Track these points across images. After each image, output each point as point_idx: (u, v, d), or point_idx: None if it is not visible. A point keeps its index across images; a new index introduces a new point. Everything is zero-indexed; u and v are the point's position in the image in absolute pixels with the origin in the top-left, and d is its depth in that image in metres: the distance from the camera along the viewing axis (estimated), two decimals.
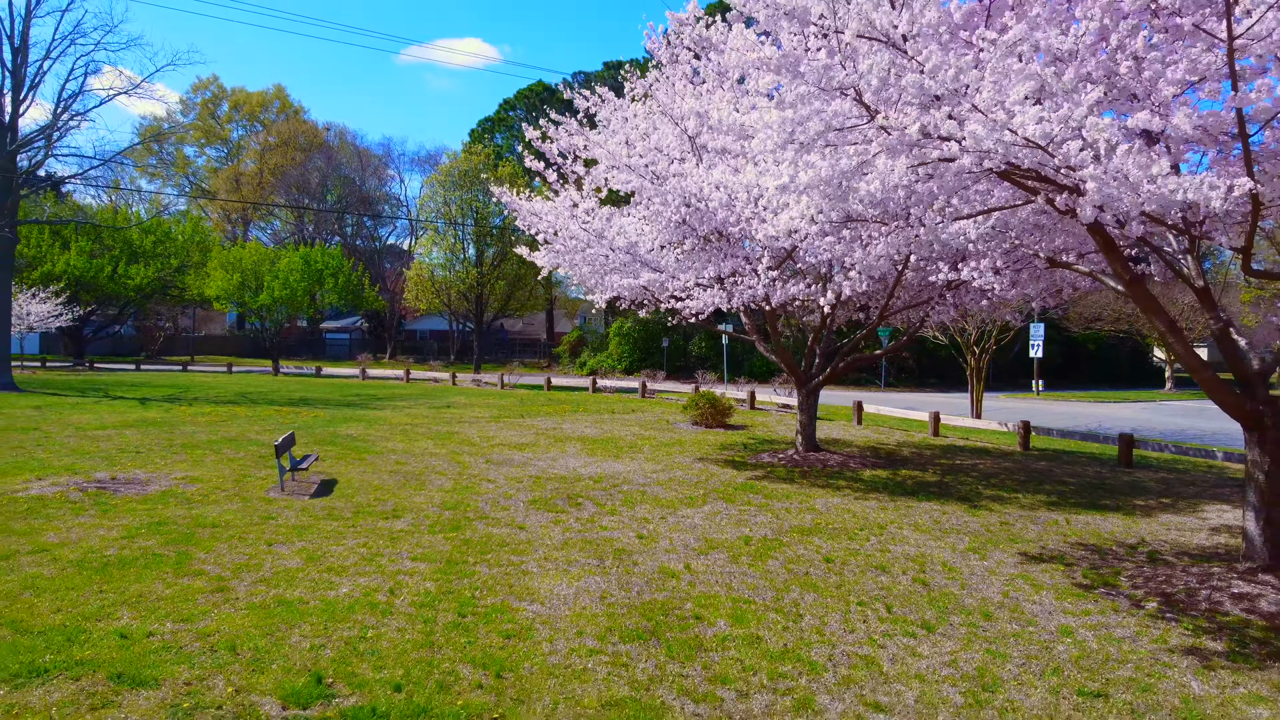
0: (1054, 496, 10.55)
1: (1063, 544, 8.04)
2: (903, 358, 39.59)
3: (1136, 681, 4.71)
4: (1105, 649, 5.21)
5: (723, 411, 17.59)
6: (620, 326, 40.13)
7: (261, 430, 15.29)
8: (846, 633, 5.40)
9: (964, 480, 11.68)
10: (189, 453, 12.36)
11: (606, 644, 5.10)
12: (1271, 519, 6.40)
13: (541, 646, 5.02)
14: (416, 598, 5.86)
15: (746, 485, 10.80)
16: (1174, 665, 4.97)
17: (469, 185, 40.72)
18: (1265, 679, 4.78)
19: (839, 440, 15.87)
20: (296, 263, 37.33)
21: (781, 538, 7.96)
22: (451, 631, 5.22)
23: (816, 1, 4.88)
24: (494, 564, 6.79)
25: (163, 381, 29.03)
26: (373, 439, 14.45)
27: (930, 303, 12.03)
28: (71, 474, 10.33)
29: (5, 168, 22.08)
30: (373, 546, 7.24)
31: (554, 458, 12.72)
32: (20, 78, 22.27)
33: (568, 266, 13.20)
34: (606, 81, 57.08)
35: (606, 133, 12.20)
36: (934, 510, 9.47)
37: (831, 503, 9.78)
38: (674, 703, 4.29)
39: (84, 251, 37.65)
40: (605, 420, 18.42)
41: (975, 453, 14.70)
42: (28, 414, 17.05)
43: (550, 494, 9.81)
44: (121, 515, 8.21)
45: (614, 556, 7.11)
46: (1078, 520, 9.14)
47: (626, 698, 4.33)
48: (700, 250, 11.79)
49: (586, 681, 4.53)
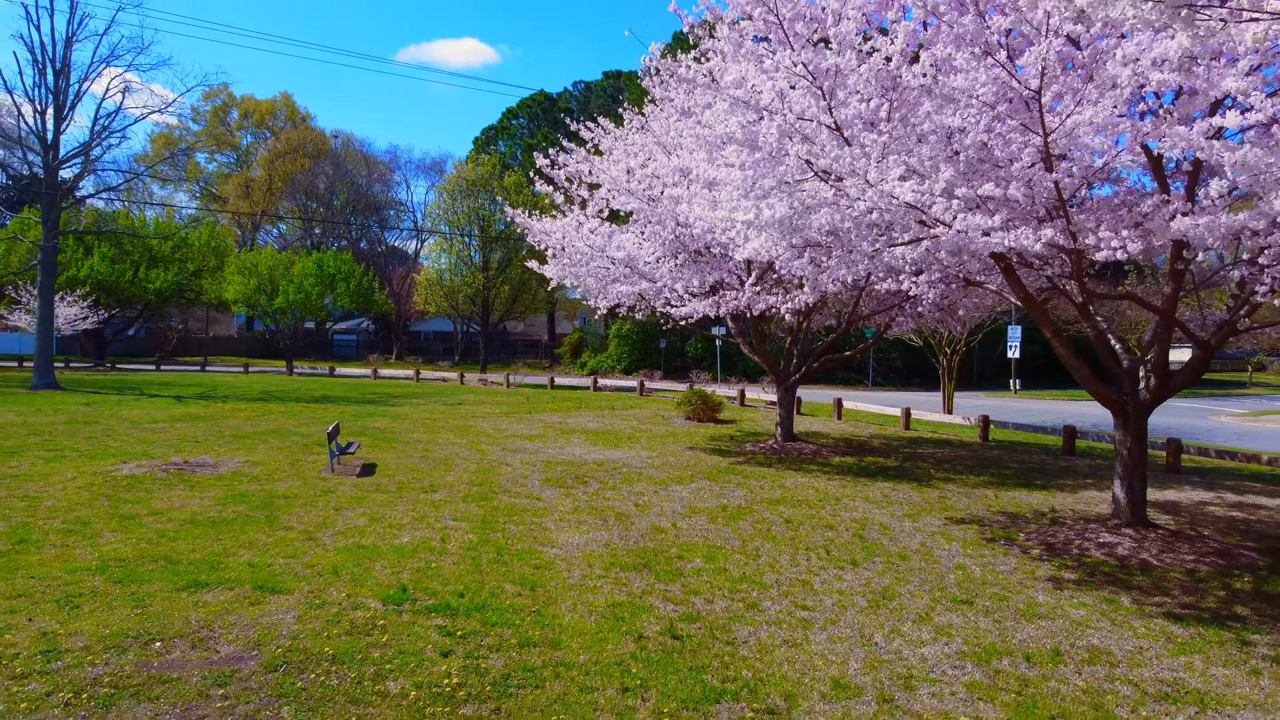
0: (994, 478, 12.27)
1: (986, 512, 9.75)
2: (891, 359, 41.37)
3: (999, 595, 6.42)
4: (985, 577, 6.92)
5: (713, 407, 19.31)
6: (620, 328, 41.83)
7: (297, 424, 17.00)
8: (791, 567, 7.11)
9: (920, 465, 13.40)
10: (241, 442, 14.06)
11: (610, 572, 6.80)
12: (1132, 485, 8.12)
13: (562, 574, 6.73)
14: (462, 544, 7.56)
15: (729, 468, 12.52)
16: (1032, 587, 6.68)
17: (476, 194, 42.45)
18: (1097, 594, 6.49)
19: (817, 432, 17.59)
20: (310, 268, 39.06)
21: (753, 506, 9.68)
22: (493, 564, 6.93)
23: (768, 95, 6.58)
24: (519, 523, 8.50)
25: (187, 381, 30.74)
26: (398, 431, 16.16)
27: (890, 310, 13.75)
28: (149, 459, 12.04)
29: (49, 182, 23.79)
30: (419, 511, 8.95)
31: (561, 447, 14.43)
32: (62, 100, 23.99)
33: (573, 278, 14.91)
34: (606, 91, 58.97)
35: (609, 160, 13.88)
36: (886, 488, 11.19)
37: (799, 481, 11.51)
38: (659, 605, 6.00)
39: (106, 257, 39.35)
40: (606, 415, 20.14)
41: (938, 444, 16.42)
42: (83, 410, 18.76)
43: (560, 474, 11.53)
44: (207, 489, 9.91)
45: (615, 518, 8.82)
46: (1006, 495, 10.86)
47: (624, 601, 6.04)
48: (691, 263, 13.50)
49: (596, 593, 6.24)
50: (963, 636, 5.48)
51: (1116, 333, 8.27)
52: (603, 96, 56.20)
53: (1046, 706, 4.45)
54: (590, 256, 14.14)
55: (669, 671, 4.76)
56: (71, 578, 6.21)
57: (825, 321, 17.07)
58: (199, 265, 43.66)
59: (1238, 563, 7.53)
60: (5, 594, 5.80)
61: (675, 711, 4.27)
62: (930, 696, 4.55)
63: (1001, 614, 5.97)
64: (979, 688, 4.67)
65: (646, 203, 12.96)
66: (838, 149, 5.94)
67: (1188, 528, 8.90)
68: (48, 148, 23.88)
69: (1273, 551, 8.02)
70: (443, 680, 4.54)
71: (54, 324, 32.44)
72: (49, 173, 23.88)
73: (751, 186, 7.26)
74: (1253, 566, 7.44)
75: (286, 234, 63.55)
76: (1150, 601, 6.35)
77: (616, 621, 5.59)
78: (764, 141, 6.86)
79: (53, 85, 23.89)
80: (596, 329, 47.53)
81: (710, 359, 39.30)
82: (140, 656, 4.75)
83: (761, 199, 7.48)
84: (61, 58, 24.00)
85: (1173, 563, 7.42)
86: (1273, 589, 6.78)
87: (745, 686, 4.60)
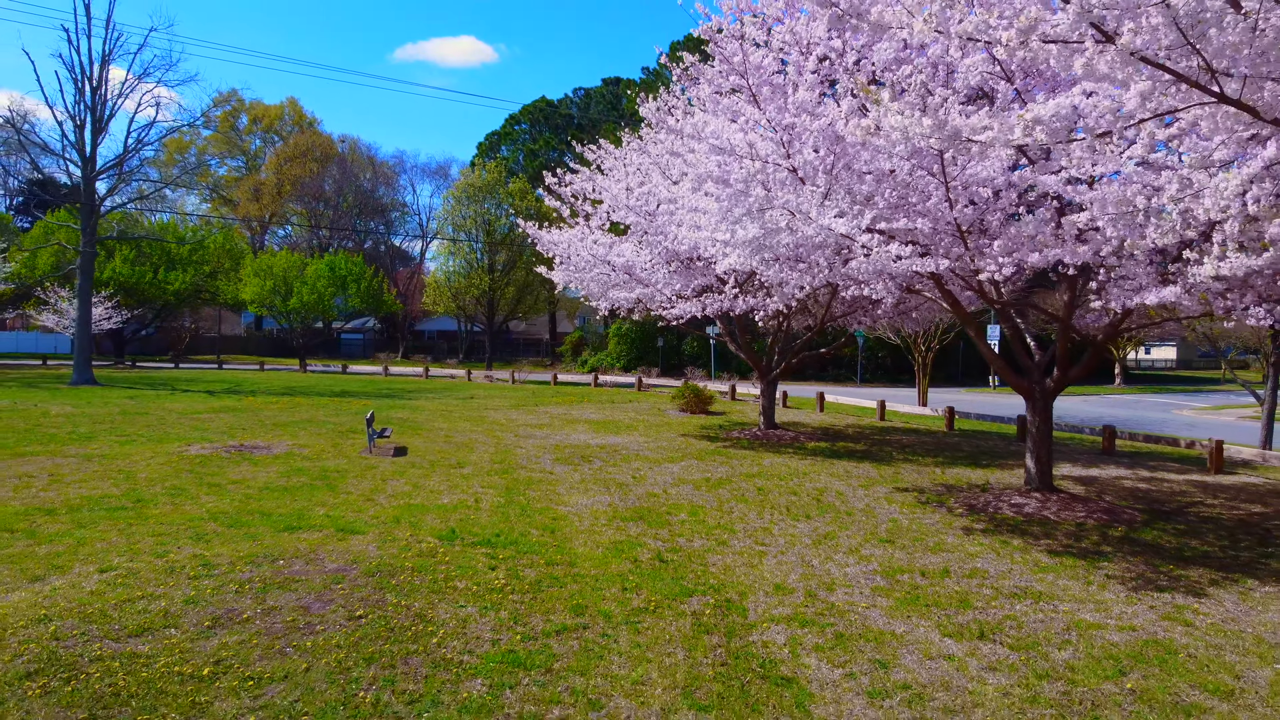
0: (947, 459, 14.05)
1: (930, 484, 11.52)
2: (880, 357, 43.20)
3: (916, 537, 8.19)
4: (910, 526, 8.69)
5: (705, 400, 21.08)
6: (619, 328, 43.61)
7: (326, 415, 18.76)
8: (757, 520, 8.88)
9: (884, 449, 15.18)
10: (283, 429, 15.82)
11: (612, 523, 8.57)
12: (1040, 457, 9.90)
13: (574, 523, 8.49)
14: (492, 504, 9.33)
15: (715, 451, 14.29)
16: (945, 533, 8.45)
17: (482, 199, 44.27)
18: (995, 538, 8.26)
19: (799, 422, 19.37)
20: (323, 270, 40.83)
21: (732, 479, 11.45)
22: (519, 517, 8.69)
23: (740, 145, 8.35)
24: (537, 490, 10.27)
25: (209, 378, 32.49)
26: (420, 421, 17.93)
27: (857, 312, 15.52)
28: (210, 442, 13.80)
29: (87, 192, 25.54)
30: (452, 481, 10.71)
31: (567, 434, 16.21)
32: (99, 115, 25.72)
33: (578, 282, 16.67)
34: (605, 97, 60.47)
35: (611, 179, 15.63)
36: (849, 466, 12.97)
37: (775, 461, 13.29)
38: (650, 542, 7.76)
39: (127, 260, 41.10)
40: (607, 408, 21.92)
41: (906, 432, 18.21)
42: (129, 404, 20.52)
43: (568, 455, 13.30)
44: (268, 466, 11.67)
45: (616, 486, 10.60)
46: (951, 471, 12.64)
47: (623, 540, 7.80)
48: (682, 270, 15.26)
49: (601, 535, 8.01)
50: (879, 562, 7.25)
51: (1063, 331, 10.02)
52: (602, 103, 57.97)
53: (926, 599, 6.22)
54: (593, 264, 15.89)
55: (656, 580, 6.53)
56: (192, 524, 7.98)
57: (806, 322, 18.84)
58: (214, 267, 45.42)
59: (1120, 518, 9.31)
60: (151, 533, 7.57)
61: (659, 601, 6.04)
62: (844, 594, 6.32)
63: (914, 549, 7.74)
64: (881, 590, 6.44)
65: (643, 217, 14.71)
66: (794, 189, 7.70)
67: (1093, 494, 10.68)
68: (86, 160, 25.62)
69: (1154, 511, 9.80)
70: (493, 581, 6.31)
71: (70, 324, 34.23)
72: (87, 183, 25.62)
73: (727, 213, 9.03)
74: (1131, 521, 9.22)
75: (294, 235, 65.31)
76: (1035, 543, 8.13)
77: (617, 551, 7.36)
78: (735, 180, 8.63)
79: (90, 101, 25.63)
80: (597, 328, 49.32)
81: (705, 357, 41.07)
82: (272, 568, 6.52)
83: (735, 224, 9.24)
84: (98, 76, 25.74)
85: (1066, 518, 9.20)
86: (1139, 535, 8.55)
87: (711, 588, 6.37)
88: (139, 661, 4.65)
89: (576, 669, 4.76)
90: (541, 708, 4.27)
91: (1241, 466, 13.76)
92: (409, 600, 5.84)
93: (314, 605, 5.68)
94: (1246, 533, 8.82)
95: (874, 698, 4.49)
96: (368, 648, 4.95)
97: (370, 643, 5.03)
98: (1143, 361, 69.75)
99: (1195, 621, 5.86)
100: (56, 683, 4.36)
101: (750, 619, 5.70)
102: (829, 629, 5.53)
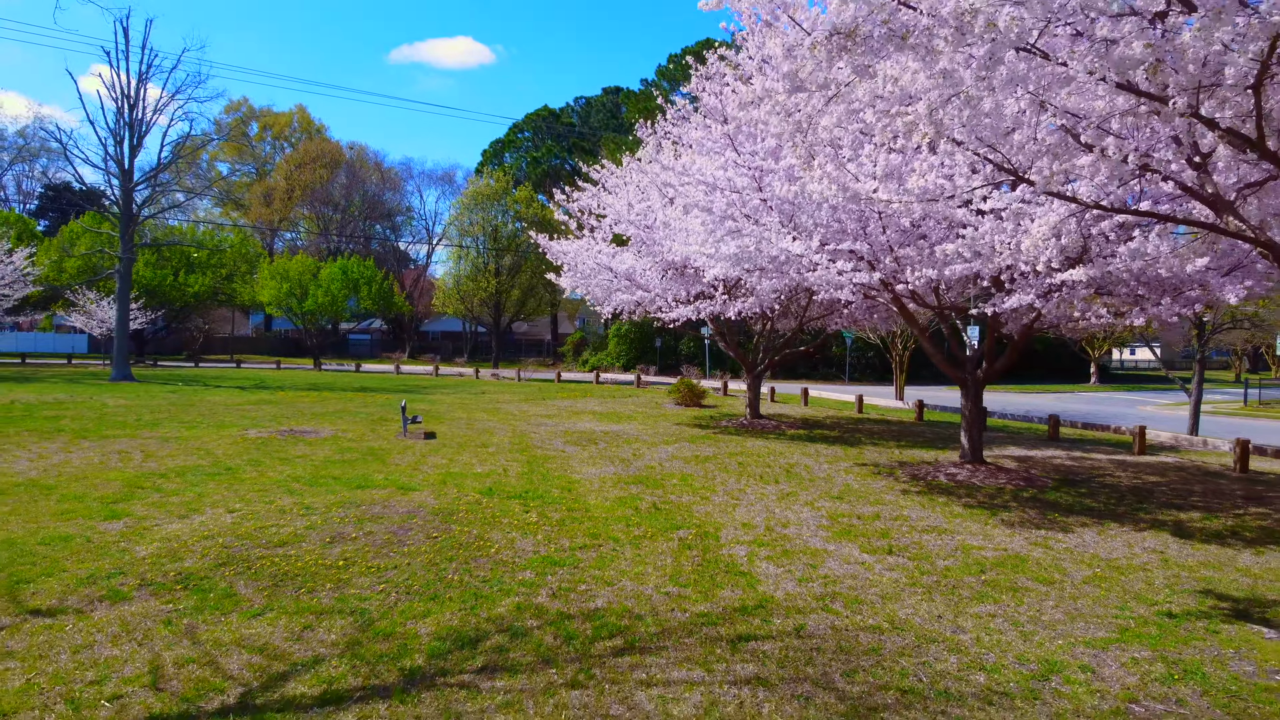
0: (908, 443, 16.04)
1: (886, 461, 13.51)
2: (868, 357, 45.26)
3: (861, 495, 10.18)
4: (859, 489, 10.68)
5: (698, 395, 23.08)
6: (619, 328, 45.61)
7: (355, 407, 20.73)
8: (735, 484, 10.87)
9: (856, 435, 17.18)
10: (322, 418, 17.80)
11: (617, 486, 10.55)
12: (972, 435, 11.90)
13: (586, 486, 10.47)
14: (518, 472, 11.31)
15: (705, 435, 16.29)
16: (886, 493, 10.44)
17: (489, 207, 46.32)
18: (925, 497, 10.24)
19: (782, 414, 21.38)
20: (336, 273, 42.82)
21: (717, 456, 13.44)
22: (541, 481, 10.68)
23: (722, 181, 10.35)
24: (553, 463, 12.26)
25: (232, 375, 34.45)
26: (441, 412, 19.90)
27: (832, 315, 17.54)
28: (262, 428, 15.77)
29: (125, 202, 27.52)
30: (481, 457, 12.69)
31: (574, 423, 18.19)
32: (137, 131, 27.71)
33: (583, 288, 18.66)
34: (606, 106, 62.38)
35: (613, 196, 17.62)
36: (821, 447, 14.96)
37: (756, 444, 15.28)
38: (647, 497, 9.75)
39: (149, 263, 43.08)
40: (608, 401, 23.91)
41: (880, 422, 20.21)
42: (174, 397, 22.49)
43: (577, 439, 15.28)
44: (321, 446, 13.64)
45: (619, 461, 12.59)
46: (909, 452, 14.64)
47: (626, 497, 9.79)
48: (678, 277, 17.25)
49: (608, 493, 9.99)
50: (826, 511, 9.25)
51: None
52: (602, 111, 60.00)
53: (856, 532, 8.20)
54: (597, 271, 17.88)
55: (652, 520, 8.52)
56: (279, 484, 9.96)
57: (790, 323, 20.83)
58: (231, 270, 47.42)
59: (1034, 484, 11.31)
60: (250, 489, 9.55)
61: (654, 532, 8.02)
62: (794, 529, 8.31)
63: (857, 503, 9.74)
64: (824, 527, 8.43)
65: (643, 230, 16.70)
66: (763, 216, 9.70)
67: (1021, 468, 12.68)
68: (125, 173, 27.60)
69: (1066, 480, 11.81)
70: (528, 520, 8.31)
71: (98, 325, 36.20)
72: (125, 194, 27.61)
73: (711, 232, 11.03)
74: (1043, 486, 11.22)
75: (303, 238, 67.31)
76: (957, 500, 10.13)
77: (621, 503, 9.35)
78: (716, 209, 10.64)
79: (128, 118, 27.61)
80: (597, 329, 51.32)
81: (700, 356, 43.07)
82: (357, 510, 8.50)
83: (718, 241, 11.25)
84: (135, 94, 27.73)
85: (989, 483, 11.20)
86: (1045, 496, 10.55)
87: (693, 525, 8.36)
88: (291, 559, 6.64)
89: (595, 566, 6.74)
90: (573, 584, 6.25)
91: (1164, 450, 15.78)
92: (468, 529, 7.84)
93: (399, 531, 7.67)
94: (1134, 495, 10.83)
95: (802, 582, 6.48)
96: (446, 553, 6.95)
97: (447, 550, 7.02)
98: (1126, 362, 71.88)
99: (1053, 546, 7.87)
100: (240, 569, 6.35)
101: (721, 542, 7.69)
102: (778, 548, 7.52)
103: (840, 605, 5.93)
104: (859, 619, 5.65)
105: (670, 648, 5.03)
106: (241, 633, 5.09)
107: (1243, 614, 6.01)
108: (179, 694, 4.24)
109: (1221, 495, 11.00)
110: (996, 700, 4.45)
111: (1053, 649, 5.18)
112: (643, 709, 4.23)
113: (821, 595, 6.15)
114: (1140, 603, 6.19)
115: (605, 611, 5.64)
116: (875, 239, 9.50)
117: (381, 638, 5.06)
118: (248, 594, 5.79)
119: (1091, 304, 9.20)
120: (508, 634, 5.18)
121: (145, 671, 4.49)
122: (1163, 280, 8.61)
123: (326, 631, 5.13)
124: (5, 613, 5.34)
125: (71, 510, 8.28)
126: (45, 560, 6.51)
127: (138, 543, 7.10)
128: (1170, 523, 9.12)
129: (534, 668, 4.68)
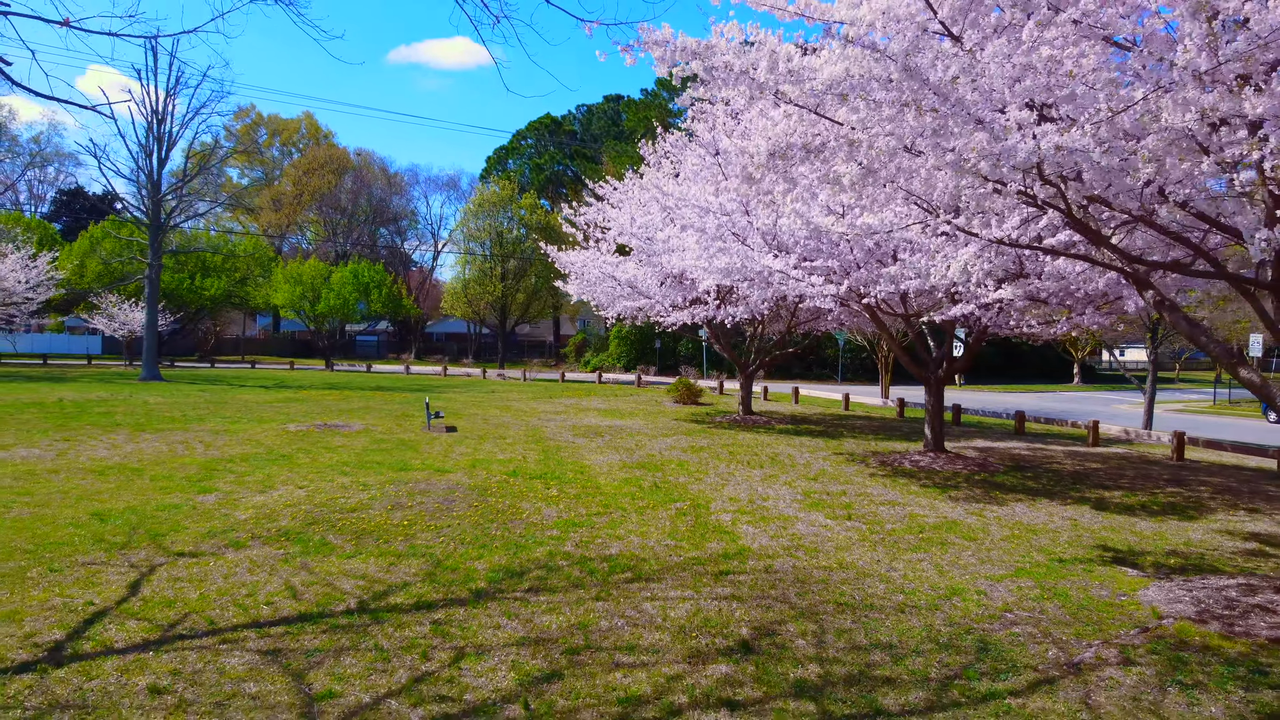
0: (885, 437, 17.66)
1: (862, 450, 15.13)
2: (861, 358, 46.92)
3: (833, 477, 11.80)
4: (832, 472, 12.30)
5: (695, 393, 24.70)
6: (620, 330, 47.23)
7: (377, 404, 22.33)
8: (725, 469, 12.49)
9: (839, 430, 18.80)
10: (349, 414, 19.40)
11: (622, 469, 12.17)
12: (934, 427, 13.52)
13: (596, 469, 12.08)
14: (536, 459, 12.92)
15: (700, 429, 17.92)
16: (856, 475, 12.05)
17: (495, 213, 47.98)
18: (889, 479, 11.86)
19: (773, 411, 23.01)
20: (347, 277, 44.43)
21: (710, 447, 15.07)
22: (557, 465, 12.29)
23: (715, 204, 11.98)
24: (566, 452, 13.87)
25: (251, 376, 36.04)
26: (457, 409, 21.51)
27: (818, 320, 19.17)
28: (298, 422, 17.37)
29: (154, 212, 29.14)
30: (501, 447, 14.30)
31: (581, 418, 19.81)
32: (165, 145, 29.32)
33: (589, 295, 20.29)
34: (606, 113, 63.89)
35: (617, 211, 19.23)
36: (805, 440, 16.59)
37: (747, 436, 16.91)
38: (648, 479, 11.36)
39: (167, 267, 44.65)
40: (611, 399, 25.53)
41: (863, 419, 21.83)
42: (207, 395, 24.09)
43: (584, 431, 16.90)
44: (356, 437, 15.24)
45: (623, 450, 14.21)
46: (883, 444, 16.26)
47: (630, 478, 11.40)
48: (675, 285, 18.88)
49: (615, 475, 11.61)
50: (801, 489, 10.86)
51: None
52: (603, 119, 61.66)
53: (824, 504, 9.82)
54: (602, 279, 19.50)
55: (652, 495, 10.14)
56: (331, 467, 11.56)
57: (780, 327, 22.46)
58: (244, 274, 49.02)
59: (987, 469, 12.93)
60: (309, 471, 11.16)
61: (655, 504, 9.63)
62: (772, 503, 9.92)
63: (829, 483, 11.36)
64: (797, 500, 10.05)
65: (644, 242, 18.32)
66: (749, 235, 11.33)
67: (980, 456, 14.29)
68: (154, 184, 29.22)
69: (1017, 466, 13.42)
70: (550, 494, 9.92)
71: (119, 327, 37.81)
72: (154, 205, 29.23)
73: (705, 249, 12.66)
74: (995, 471, 12.84)
75: (310, 241, 68.93)
76: (915, 481, 11.74)
77: (627, 483, 10.97)
78: (709, 228, 12.26)
79: (157, 133, 29.23)
80: (599, 331, 52.92)
81: (698, 357, 44.69)
82: (406, 487, 10.11)
83: (711, 256, 12.88)
84: (163, 110, 29.34)
85: (947, 469, 12.82)
86: (994, 479, 12.16)
87: (688, 499, 9.98)
88: (364, 520, 8.26)
89: (607, 527, 8.36)
90: (591, 538, 7.86)
91: (1117, 442, 17.42)
92: (501, 500, 9.46)
93: (445, 502, 9.29)
94: (1073, 478, 12.45)
95: (774, 538, 8.10)
96: (488, 517, 8.57)
97: (488, 515, 8.64)
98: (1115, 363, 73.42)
99: (985, 515, 9.49)
100: (327, 527, 7.97)
101: (711, 512, 9.31)
102: (757, 515, 9.14)
103: (802, 553, 7.55)
104: (815, 562, 7.28)
105: (668, 578, 6.65)
106: (344, 567, 6.71)
107: (1120, 560, 7.63)
108: (313, 601, 5.86)
109: (1149, 479, 12.63)
110: (908, 610, 6.07)
111: (959, 581, 6.81)
112: (648, 613, 5.84)
113: (789, 547, 7.77)
114: (1041, 554, 7.81)
115: (618, 556, 7.26)
116: (844, 257, 11.13)
117: (449, 570, 6.68)
118: (339, 543, 7.41)
119: (1025, 314, 10.84)
120: (545, 569, 6.80)
121: (282, 589, 6.11)
122: (1083, 294, 10.23)
123: (407, 567, 6.76)
124: (160, 554, 6.96)
125: (167, 487, 9.90)
126: (168, 521, 8.12)
127: (234, 509, 8.71)
128: (1094, 499, 10.75)
129: (567, 589, 6.30)
